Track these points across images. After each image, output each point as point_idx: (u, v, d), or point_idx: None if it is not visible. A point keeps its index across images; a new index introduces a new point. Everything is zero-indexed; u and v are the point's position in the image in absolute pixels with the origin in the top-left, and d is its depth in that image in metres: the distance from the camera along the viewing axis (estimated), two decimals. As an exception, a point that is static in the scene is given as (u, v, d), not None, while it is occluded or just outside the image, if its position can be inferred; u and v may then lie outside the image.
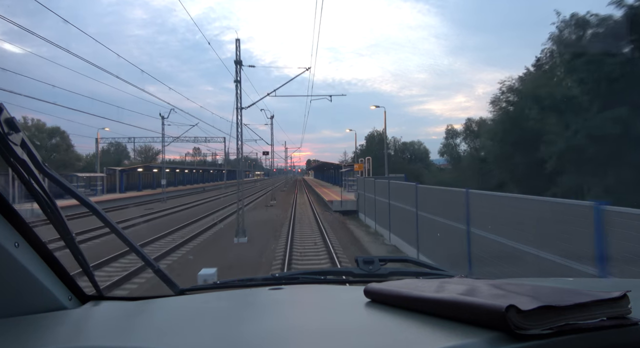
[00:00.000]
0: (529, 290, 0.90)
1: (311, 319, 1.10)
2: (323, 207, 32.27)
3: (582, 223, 5.69)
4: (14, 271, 1.09)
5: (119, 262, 12.54)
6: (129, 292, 9.55)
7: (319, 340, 0.90)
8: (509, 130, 31.14)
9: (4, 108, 1.02)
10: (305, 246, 15.94)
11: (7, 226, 1.08)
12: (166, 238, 17.22)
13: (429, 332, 0.86)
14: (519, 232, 7.30)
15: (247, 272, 10.86)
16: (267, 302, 1.35)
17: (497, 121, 34.98)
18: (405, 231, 14.24)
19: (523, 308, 0.76)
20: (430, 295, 0.96)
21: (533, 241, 6.82)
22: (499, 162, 32.89)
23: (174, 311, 1.28)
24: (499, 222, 8.01)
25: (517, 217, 7.43)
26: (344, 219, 24.55)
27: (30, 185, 1.14)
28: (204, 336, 0.95)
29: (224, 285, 1.61)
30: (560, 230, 6.17)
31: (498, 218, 8.09)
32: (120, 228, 1.43)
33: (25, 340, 0.97)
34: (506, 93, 34.97)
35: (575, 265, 5.78)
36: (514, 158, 30.03)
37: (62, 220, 1.25)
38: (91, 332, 1.11)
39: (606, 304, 0.82)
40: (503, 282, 1.05)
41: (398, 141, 71.70)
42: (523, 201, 7.66)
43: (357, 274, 1.61)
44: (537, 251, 6.67)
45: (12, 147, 1.04)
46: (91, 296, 1.36)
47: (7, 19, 12.44)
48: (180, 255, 14.29)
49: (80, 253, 1.33)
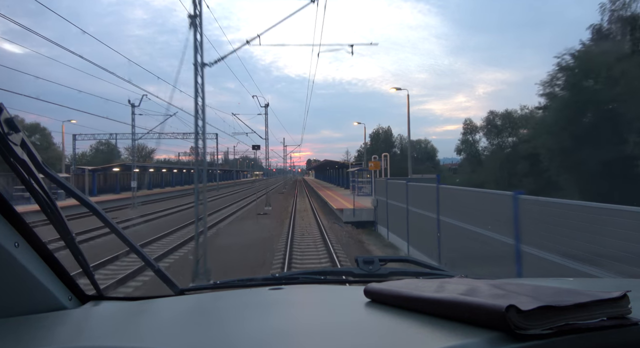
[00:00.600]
0: (529, 290, 0.90)
1: (311, 319, 1.10)
2: (329, 216, 25.84)
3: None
4: (14, 271, 1.09)
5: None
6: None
7: (319, 340, 0.90)
8: (573, 118, 24.27)
9: (4, 108, 1.02)
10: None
11: (7, 226, 1.08)
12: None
13: (429, 332, 0.86)
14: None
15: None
16: (267, 302, 1.35)
17: (554, 108, 27.46)
18: (470, 260, 9.55)
19: (523, 308, 0.76)
20: (430, 295, 0.96)
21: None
22: (554, 159, 26.49)
23: (173, 311, 1.28)
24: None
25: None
26: (360, 235, 18.75)
27: (30, 185, 1.14)
28: (204, 336, 0.95)
29: (224, 285, 1.61)
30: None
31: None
32: (120, 228, 1.43)
33: (26, 340, 0.97)
34: (564, 73, 27.51)
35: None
36: (576, 154, 23.45)
37: (62, 220, 1.25)
38: (91, 332, 1.11)
39: (606, 304, 0.82)
40: (503, 282, 1.05)
41: (404, 139, 66.14)
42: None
43: (357, 274, 1.61)
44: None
45: (12, 147, 1.04)
46: (91, 296, 1.36)
47: (7, 18, 12.39)
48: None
49: (80, 253, 1.33)
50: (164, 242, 16.23)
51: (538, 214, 6.82)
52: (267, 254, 14.06)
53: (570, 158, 24.29)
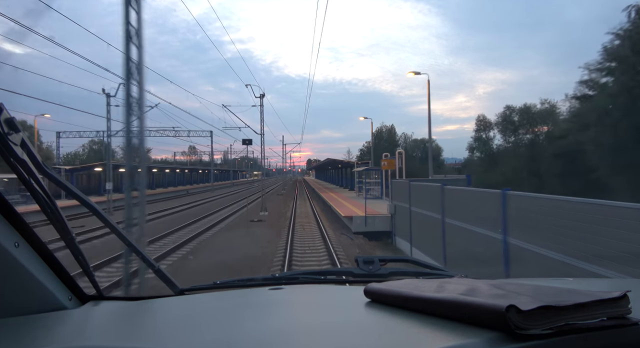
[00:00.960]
0: (529, 290, 0.90)
1: (311, 319, 1.10)
2: (335, 224, 21.74)
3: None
4: (14, 271, 1.09)
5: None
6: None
7: (319, 340, 0.90)
8: (631, 106, 19.50)
9: (4, 108, 1.02)
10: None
11: (7, 226, 1.08)
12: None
13: (429, 332, 0.86)
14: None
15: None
16: (267, 302, 1.35)
17: (604, 96, 22.58)
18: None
19: (523, 308, 0.76)
20: (430, 295, 0.96)
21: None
22: (604, 157, 21.57)
23: (173, 311, 1.28)
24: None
25: None
26: (374, 249, 15.51)
27: (30, 185, 1.14)
28: (203, 336, 0.95)
29: (224, 285, 1.61)
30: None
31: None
32: (120, 228, 1.43)
33: (26, 340, 0.97)
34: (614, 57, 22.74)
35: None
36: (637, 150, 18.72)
37: (62, 220, 1.25)
38: (91, 332, 1.11)
39: (606, 304, 0.82)
40: (503, 282, 1.05)
41: (409, 137, 62.84)
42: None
43: (357, 274, 1.61)
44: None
45: (12, 147, 1.04)
46: (91, 296, 1.36)
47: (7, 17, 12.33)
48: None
49: (80, 253, 1.33)
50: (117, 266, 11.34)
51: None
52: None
53: (627, 155, 19.39)
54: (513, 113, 40.65)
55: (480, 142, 44.73)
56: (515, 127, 39.92)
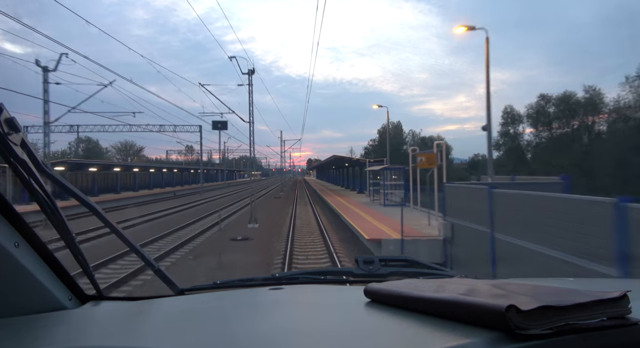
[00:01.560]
0: (529, 290, 0.90)
1: (311, 319, 1.10)
2: (353, 248, 14.37)
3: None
4: (14, 271, 1.09)
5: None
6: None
7: (319, 340, 0.90)
8: None
9: (4, 108, 1.02)
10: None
11: (7, 226, 1.08)
12: None
13: (429, 332, 0.86)
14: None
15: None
16: (267, 302, 1.35)
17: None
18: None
19: (523, 308, 0.76)
20: (430, 295, 0.96)
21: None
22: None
23: (173, 311, 1.28)
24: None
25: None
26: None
27: (30, 185, 1.14)
28: (203, 336, 0.95)
29: (224, 285, 1.61)
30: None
31: None
32: (120, 228, 1.43)
33: (26, 340, 0.97)
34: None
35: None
36: None
37: (62, 220, 1.25)
38: (91, 332, 1.11)
39: (606, 304, 0.82)
40: (503, 282, 1.05)
41: (417, 135, 59.35)
42: None
43: (357, 274, 1.61)
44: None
45: (12, 147, 1.04)
46: (91, 296, 1.36)
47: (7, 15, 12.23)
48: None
49: (80, 253, 1.33)
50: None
51: None
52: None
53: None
54: (548, 103, 35.47)
55: (507, 137, 38.88)
56: (549, 120, 35.31)
